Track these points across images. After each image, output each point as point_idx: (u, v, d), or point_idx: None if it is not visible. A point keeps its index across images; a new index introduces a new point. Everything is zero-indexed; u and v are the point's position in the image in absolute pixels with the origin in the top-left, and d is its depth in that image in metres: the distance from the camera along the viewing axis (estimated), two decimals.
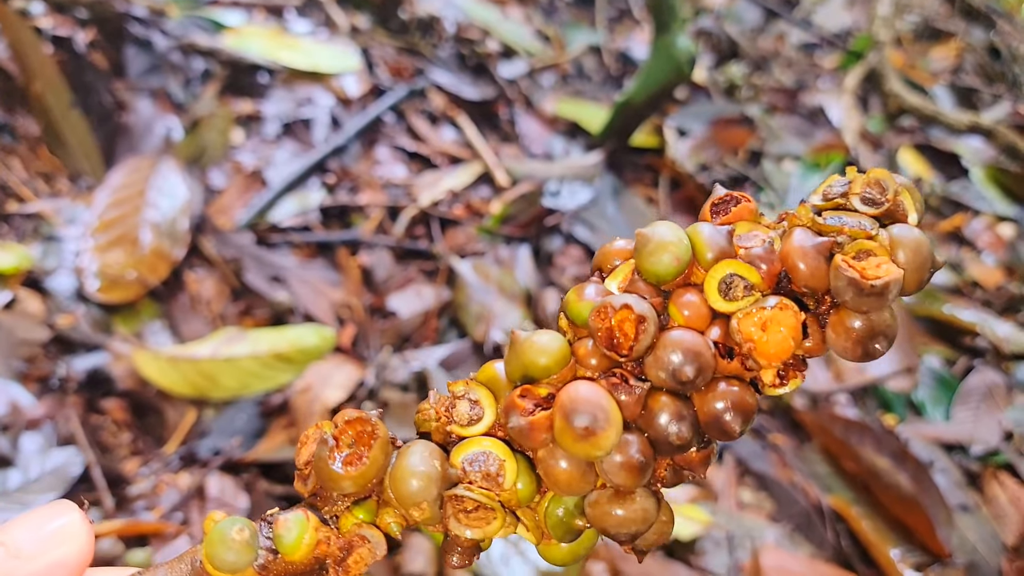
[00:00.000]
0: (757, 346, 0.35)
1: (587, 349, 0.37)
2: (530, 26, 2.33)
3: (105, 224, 1.47)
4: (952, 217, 2.43)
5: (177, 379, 1.34)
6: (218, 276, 1.49)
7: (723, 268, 0.36)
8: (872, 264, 0.35)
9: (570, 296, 0.39)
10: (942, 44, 3.35)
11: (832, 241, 0.36)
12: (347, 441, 0.37)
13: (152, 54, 1.70)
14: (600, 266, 0.40)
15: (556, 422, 0.35)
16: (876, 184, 0.38)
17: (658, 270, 0.36)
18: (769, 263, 0.36)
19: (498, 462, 0.36)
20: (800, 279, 0.36)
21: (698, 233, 0.37)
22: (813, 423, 1.67)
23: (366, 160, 1.75)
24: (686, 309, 0.36)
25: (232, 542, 0.35)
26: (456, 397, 0.38)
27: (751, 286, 0.36)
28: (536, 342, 0.37)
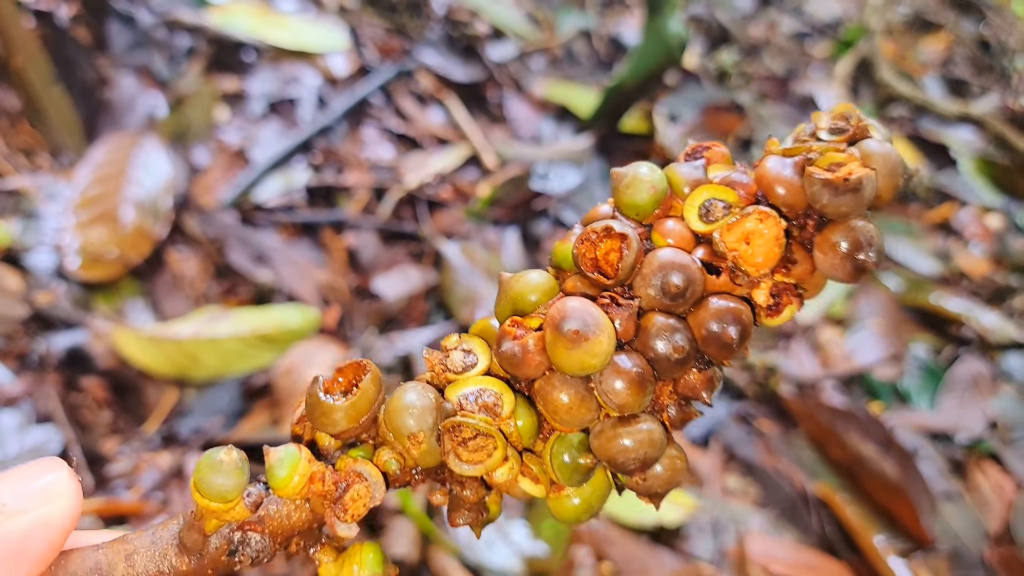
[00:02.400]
0: (742, 255, 0.35)
1: (574, 283, 0.37)
2: (520, 9, 2.31)
3: (87, 201, 1.45)
4: (940, 207, 2.43)
5: (158, 358, 1.32)
6: (201, 255, 1.47)
7: (702, 193, 0.36)
8: (844, 171, 0.35)
9: (556, 244, 0.39)
10: (933, 35, 3.36)
11: (804, 157, 0.36)
12: (340, 387, 0.36)
13: (136, 30, 1.67)
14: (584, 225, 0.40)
15: (548, 336, 0.34)
16: (841, 116, 0.38)
17: (636, 201, 0.36)
18: (746, 187, 0.36)
19: (495, 395, 0.36)
20: (778, 199, 0.36)
21: (673, 169, 0.38)
22: (800, 410, 1.67)
23: (353, 140, 1.73)
24: (669, 236, 0.36)
25: (221, 463, 0.34)
26: (449, 350, 0.38)
27: (730, 206, 0.36)
28: (523, 278, 0.37)
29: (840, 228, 0.35)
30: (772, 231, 0.35)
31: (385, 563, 0.37)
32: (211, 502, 0.34)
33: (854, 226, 0.36)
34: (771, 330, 1.84)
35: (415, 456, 0.35)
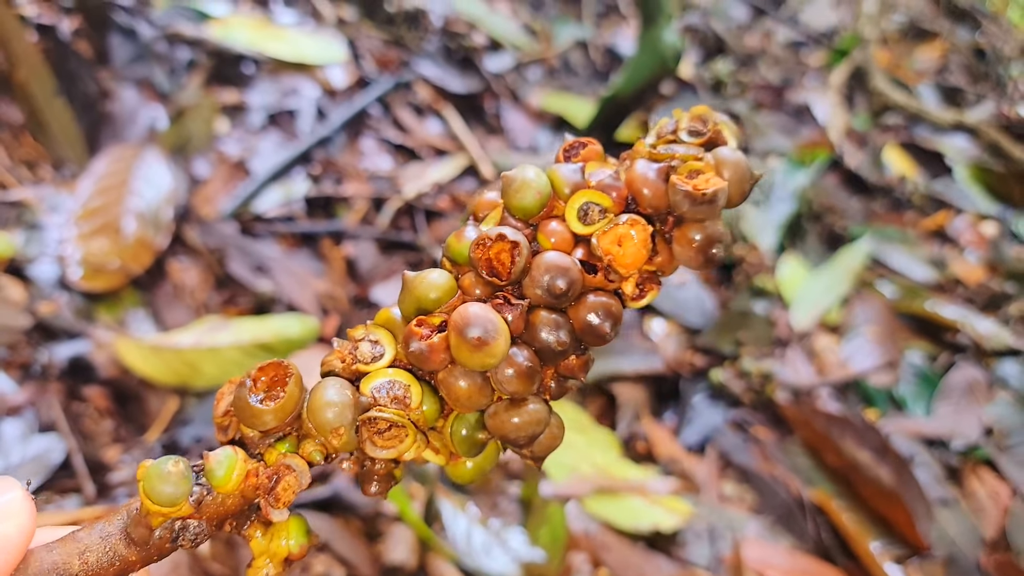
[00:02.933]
0: (616, 258, 0.41)
1: (471, 280, 0.41)
2: (517, 20, 2.33)
3: (88, 212, 1.46)
4: (935, 215, 2.45)
5: (159, 367, 1.34)
6: (202, 265, 1.48)
7: (580, 198, 0.41)
8: (702, 180, 0.41)
9: (451, 240, 0.43)
10: (928, 44, 3.38)
11: (668, 165, 0.41)
12: (263, 386, 0.39)
13: (137, 43, 1.69)
14: (474, 213, 0.45)
15: (452, 339, 0.39)
16: (698, 119, 0.44)
17: (524, 205, 0.41)
18: (618, 190, 0.42)
19: (403, 387, 0.40)
20: (644, 201, 0.42)
21: (555, 171, 0.42)
22: (795, 417, 1.67)
23: (351, 151, 1.75)
24: (552, 236, 0.41)
25: (168, 475, 0.37)
26: (357, 340, 0.42)
27: (605, 210, 0.41)
28: (425, 278, 0.41)
29: (695, 227, 0.42)
30: (641, 236, 0.41)
31: (309, 533, 0.41)
32: (160, 507, 0.37)
33: (706, 226, 0.42)
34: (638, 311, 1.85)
35: (336, 446, 0.39)
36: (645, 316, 1.82)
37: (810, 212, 2.22)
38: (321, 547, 1.21)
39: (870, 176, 2.44)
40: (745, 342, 1.82)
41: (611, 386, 1.62)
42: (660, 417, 1.64)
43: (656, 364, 1.71)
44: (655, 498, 1.42)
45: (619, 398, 1.61)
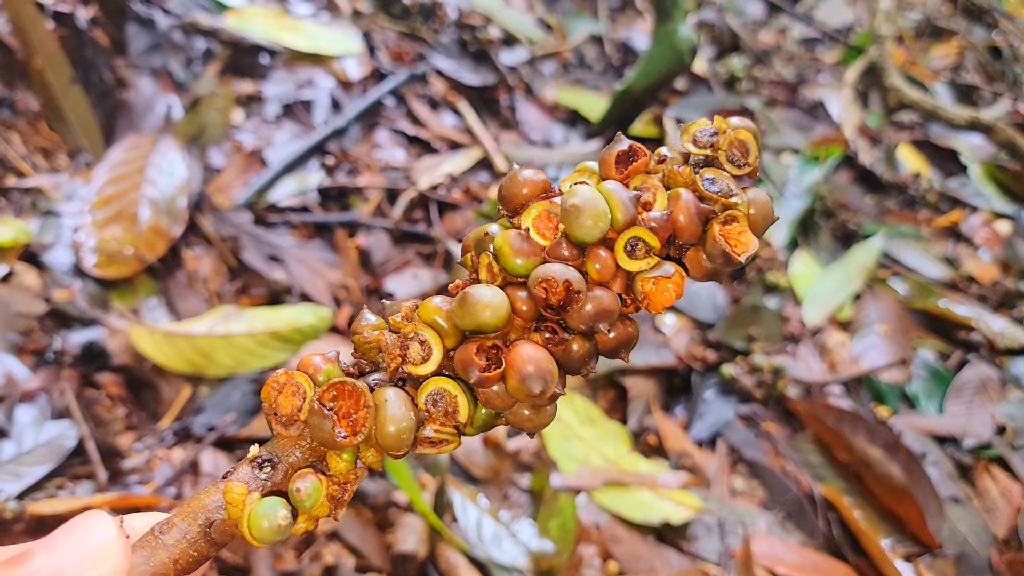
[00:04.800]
0: (651, 300, 0.44)
1: (521, 301, 0.44)
2: (532, 14, 2.33)
3: (104, 200, 1.47)
4: (949, 213, 2.43)
5: (173, 355, 1.34)
6: (216, 254, 1.49)
7: (631, 234, 0.44)
8: (735, 232, 0.45)
9: (502, 245, 0.44)
10: (943, 42, 3.36)
11: (711, 210, 0.45)
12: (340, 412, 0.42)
13: (154, 32, 1.70)
14: (510, 202, 0.46)
15: (511, 381, 0.42)
16: (740, 145, 0.46)
17: (586, 239, 0.44)
18: (665, 230, 0.44)
19: (453, 399, 0.44)
20: (682, 237, 0.45)
21: (614, 199, 0.45)
22: (806, 412, 1.67)
23: (366, 143, 1.75)
24: (598, 264, 0.44)
25: (278, 528, 0.41)
26: (408, 339, 0.44)
27: (650, 249, 0.44)
28: (485, 303, 0.43)
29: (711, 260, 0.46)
30: (678, 285, 0.44)
31: None
32: (256, 542, 0.41)
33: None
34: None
35: (395, 456, 0.44)
36: None
37: (823, 209, 2.21)
38: (332, 536, 1.22)
39: (884, 173, 2.43)
40: (757, 337, 1.81)
41: (622, 379, 1.62)
42: (670, 411, 1.63)
43: (667, 358, 1.71)
44: (665, 491, 1.42)
45: (630, 391, 1.61)
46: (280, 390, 0.43)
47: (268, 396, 0.43)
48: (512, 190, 0.46)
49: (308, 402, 0.42)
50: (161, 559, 0.41)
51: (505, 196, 0.47)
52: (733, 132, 0.46)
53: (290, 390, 0.43)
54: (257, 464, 0.43)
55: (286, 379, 0.43)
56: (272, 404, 0.43)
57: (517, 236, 0.44)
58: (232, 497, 0.41)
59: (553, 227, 0.45)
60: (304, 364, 0.44)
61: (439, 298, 0.45)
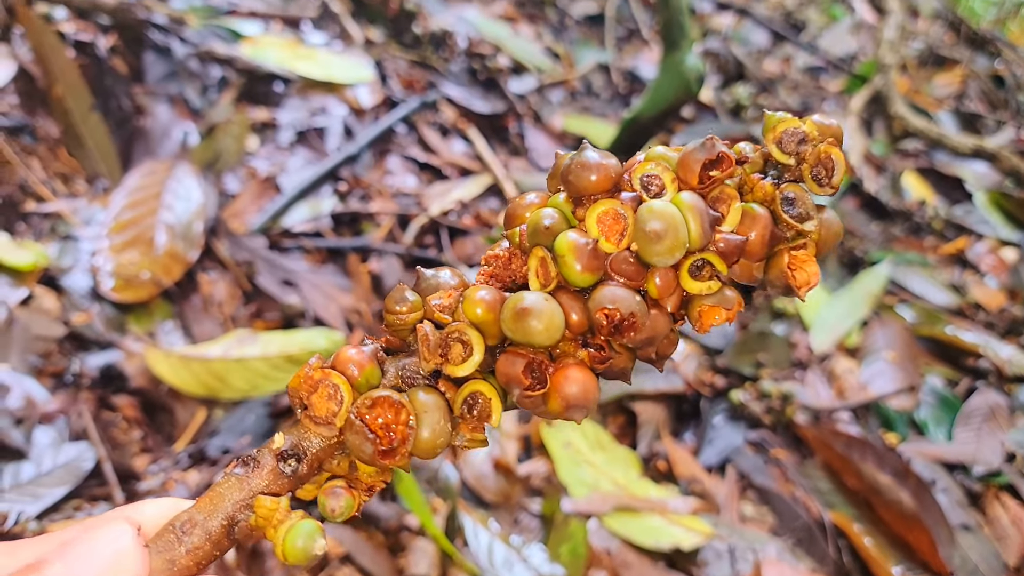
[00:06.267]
0: (703, 321, 0.42)
1: (575, 313, 0.42)
2: (540, 43, 2.37)
3: (121, 225, 1.49)
4: (955, 240, 2.45)
5: (188, 378, 1.36)
6: (231, 279, 1.51)
7: (699, 255, 0.42)
8: (800, 260, 0.42)
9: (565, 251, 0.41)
10: (947, 71, 3.39)
11: (784, 236, 0.42)
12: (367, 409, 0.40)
13: (171, 60, 1.73)
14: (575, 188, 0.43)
15: (553, 404, 0.41)
16: (827, 161, 0.43)
17: (659, 264, 0.41)
18: (734, 255, 0.42)
19: (488, 406, 0.42)
20: (749, 260, 0.43)
21: (694, 224, 0.41)
22: (815, 439, 1.67)
23: (378, 169, 1.78)
24: (660, 280, 0.42)
25: (313, 556, 0.41)
26: (452, 339, 0.42)
27: (716, 274, 0.42)
28: (543, 323, 0.41)
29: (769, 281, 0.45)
30: (734, 310, 0.42)
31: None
32: (286, 561, 0.41)
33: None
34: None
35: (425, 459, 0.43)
36: None
37: None
38: (344, 559, 1.22)
39: (889, 201, 2.45)
40: (765, 363, 1.82)
41: (632, 404, 1.63)
42: (680, 436, 1.64)
43: (676, 384, 1.72)
44: (675, 517, 1.42)
45: (639, 417, 1.62)
46: (314, 388, 0.41)
47: (298, 390, 0.41)
48: (580, 176, 0.42)
49: (345, 410, 0.40)
50: (184, 564, 0.39)
51: (571, 181, 0.42)
52: (823, 146, 0.43)
53: (325, 391, 0.41)
54: (282, 457, 0.41)
55: (321, 377, 0.41)
56: (303, 399, 0.41)
57: (584, 245, 0.41)
58: (264, 511, 0.40)
59: (619, 232, 0.41)
60: (341, 362, 0.41)
61: (484, 291, 0.42)
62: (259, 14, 1.95)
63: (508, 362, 0.41)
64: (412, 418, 0.40)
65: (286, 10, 1.99)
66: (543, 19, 2.51)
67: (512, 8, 2.49)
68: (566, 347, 0.42)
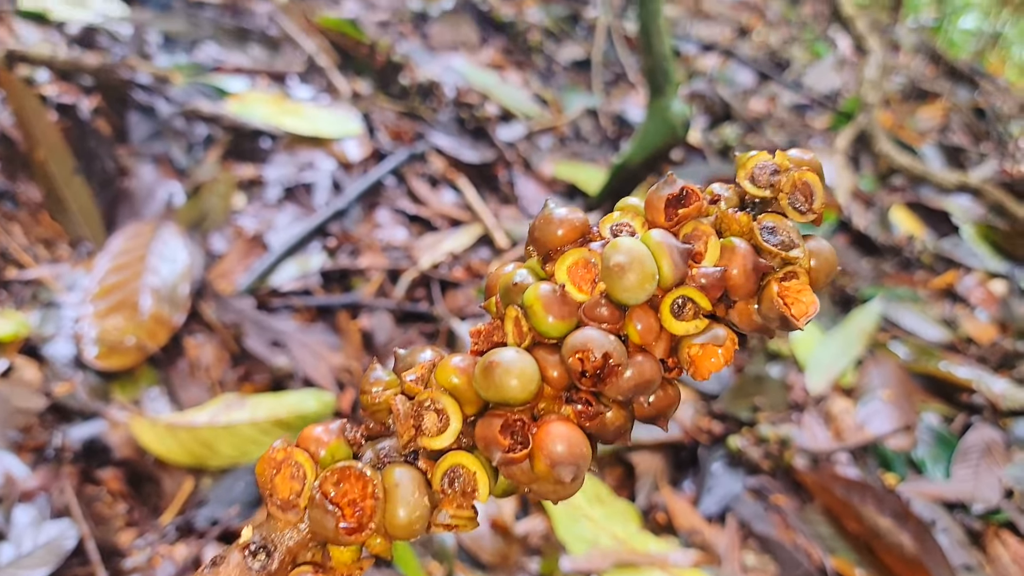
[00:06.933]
0: (697, 367, 0.39)
1: (553, 367, 0.39)
2: (528, 90, 2.38)
3: (105, 290, 1.47)
4: (945, 274, 2.45)
5: (174, 447, 1.33)
6: (218, 341, 1.48)
7: (678, 292, 0.40)
8: (794, 290, 0.40)
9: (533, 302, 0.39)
10: (929, 104, 3.43)
11: (769, 265, 0.40)
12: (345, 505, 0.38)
13: (155, 120, 1.72)
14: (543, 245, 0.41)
15: (539, 465, 0.38)
16: (804, 188, 0.41)
17: (630, 302, 0.39)
18: (717, 289, 0.40)
19: (472, 480, 0.39)
20: (736, 296, 0.41)
21: (663, 253, 0.39)
22: (814, 484, 1.65)
23: (367, 223, 1.77)
24: (640, 324, 0.39)
25: None
26: (423, 408, 0.39)
27: (700, 310, 0.40)
28: (513, 374, 0.38)
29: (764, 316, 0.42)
30: (728, 349, 0.39)
31: None
32: None
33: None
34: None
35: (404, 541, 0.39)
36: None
37: None
38: None
39: (878, 236, 2.45)
40: (761, 407, 1.80)
41: (629, 455, 1.61)
42: (679, 486, 1.61)
43: (674, 431, 1.70)
44: (676, 571, 1.40)
45: (637, 468, 1.60)
46: (277, 469, 0.38)
47: (264, 473, 0.39)
48: (545, 231, 0.41)
49: (308, 488, 0.38)
50: None
51: (537, 238, 0.41)
52: (797, 173, 0.41)
53: (288, 470, 0.38)
54: (250, 552, 0.38)
55: (284, 456, 0.38)
56: (268, 484, 0.38)
57: (551, 292, 0.39)
58: None
59: (591, 280, 0.40)
60: (305, 439, 0.39)
61: (458, 358, 0.40)
62: (245, 70, 1.95)
63: (485, 425, 0.39)
64: (378, 489, 0.37)
65: (272, 65, 1.99)
66: (531, 65, 2.53)
67: (499, 55, 2.50)
68: (549, 405, 0.39)
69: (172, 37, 1.93)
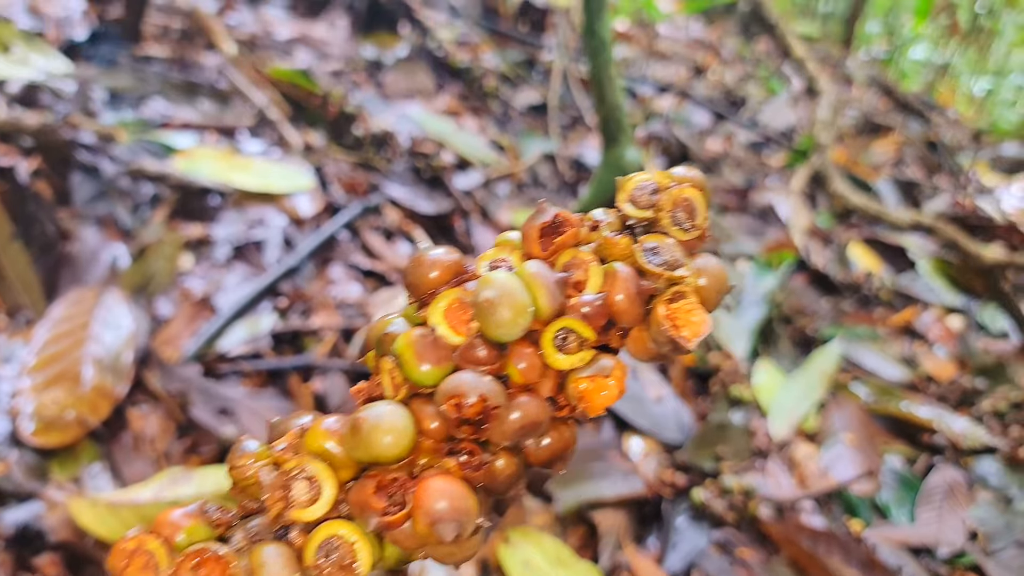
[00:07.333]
0: (588, 402, 0.37)
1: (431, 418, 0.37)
2: (485, 136, 2.37)
3: (44, 361, 1.42)
4: (903, 311, 2.47)
5: (117, 527, 1.27)
6: (163, 412, 1.43)
7: (559, 324, 0.38)
8: (684, 310, 0.38)
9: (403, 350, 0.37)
10: (882, 137, 3.49)
11: (654, 287, 0.39)
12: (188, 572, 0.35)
13: (99, 180, 1.68)
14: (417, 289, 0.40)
15: (418, 525, 0.35)
16: (686, 204, 0.40)
17: (504, 338, 0.37)
18: (600, 317, 0.38)
19: (350, 551, 0.36)
20: (624, 322, 0.39)
21: (537, 285, 0.38)
22: (780, 535, 1.64)
23: (320, 280, 1.73)
24: (522, 363, 0.37)
25: None
26: (290, 477, 0.36)
27: (584, 341, 0.38)
28: (383, 429, 0.36)
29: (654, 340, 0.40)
30: (618, 379, 0.38)
31: None
32: None
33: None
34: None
35: None
36: (624, 435, 1.79)
37: (780, 315, 2.23)
38: None
39: (837, 274, 2.47)
40: (725, 456, 1.79)
41: (591, 513, 1.58)
42: (643, 543, 1.59)
43: (637, 486, 1.67)
44: None
45: (600, 526, 1.57)
46: (129, 560, 0.35)
47: (115, 567, 0.36)
48: (418, 275, 0.40)
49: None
50: None
51: (411, 283, 0.40)
52: (677, 189, 0.40)
53: (141, 560, 0.35)
54: None
55: (135, 546, 0.35)
56: None
57: (422, 338, 0.37)
58: None
59: (467, 321, 0.38)
60: (159, 524, 0.36)
61: (331, 420, 0.38)
62: (193, 125, 1.92)
63: (359, 488, 0.36)
64: (239, 571, 0.34)
65: (221, 119, 1.95)
66: (487, 111, 2.52)
67: (456, 102, 2.49)
68: (431, 459, 0.37)
69: (118, 93, 1.89)
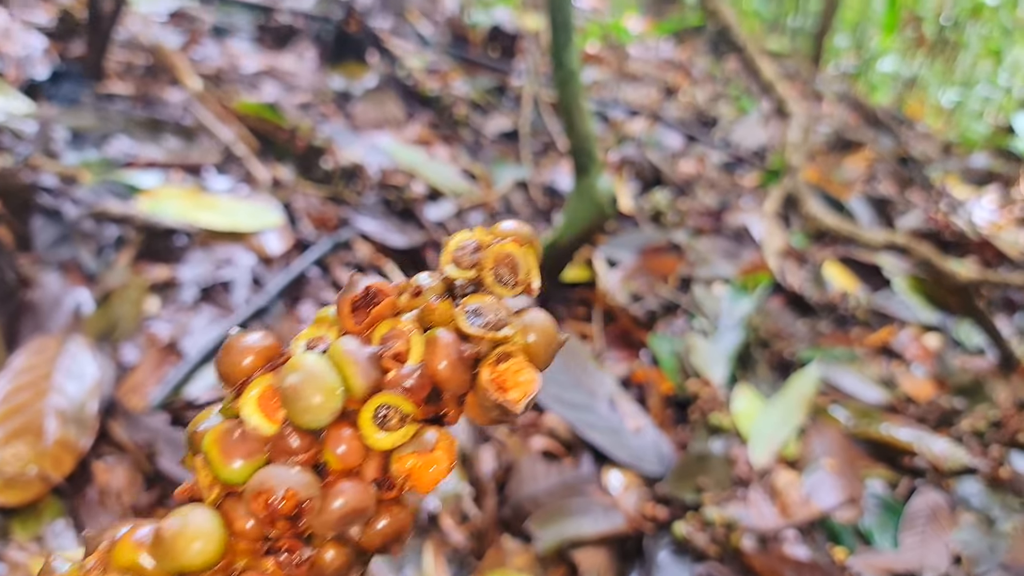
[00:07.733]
0: (416, 479, 0.36)
1: (244, 518, 0.35)
2: (456, 165, 2.35)
3: (4, 415, 1.37)
4: (880, 331, 2.47)
5: None
6: (129, 463, 1.39)
7: (377, 401, 0.36)
8: (512, 371, 0.37)
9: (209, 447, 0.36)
10: (854, 153, 3.51)
11: (477, 351, 0.37)
12: None
13: (61, 224, 1.64)
14: (230, 379, 0.38)
15: None
16: (507, 260, 0.39)
17: (313, 424, 0.35)
18: (423, 388, 0.37)
19: None
20: (451, 390, 0.37)
21: (347, 364, 0.36)
22: (764, 567, 1.62)
23: (290, 319, 1.70)
24: (340, 447, 0.36)
25: None
26: None
27: (406, 416, 0.36)
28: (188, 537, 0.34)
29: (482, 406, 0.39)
30: (448, 454, 0.36)
31: None
32: None
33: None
34: None
35: None
36: (603, 469, 1.77)
37: (757, 339, 2.22)
38: None
39: (813, 295, 2.47)
40: (706, 487, 1.77)
41: (572, 553, 1.55)
42: None
43: (617, 521, 1.65)
44: None
45: (580, 566, 1.54)
46: None
47: None
48: (229, 363, 0.37)
49: None
50: None
51: (223, 372, 0.38)
52: (499, 245, 0.39)
53: None
54: None
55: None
56: None
57: (226, 433, 0.35)
58: None
59: (279, 408, 0.36)
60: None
61: (145, 529, 0.36)
62: (159, 164, 1.88)
63: None
64: None
65: (187, 157, 1.92)
66: (458, 139, 2.50)
67: (426, 131, 2.47)
68: (248, 562, 0.35)
69: (81, 132, 1.86)
